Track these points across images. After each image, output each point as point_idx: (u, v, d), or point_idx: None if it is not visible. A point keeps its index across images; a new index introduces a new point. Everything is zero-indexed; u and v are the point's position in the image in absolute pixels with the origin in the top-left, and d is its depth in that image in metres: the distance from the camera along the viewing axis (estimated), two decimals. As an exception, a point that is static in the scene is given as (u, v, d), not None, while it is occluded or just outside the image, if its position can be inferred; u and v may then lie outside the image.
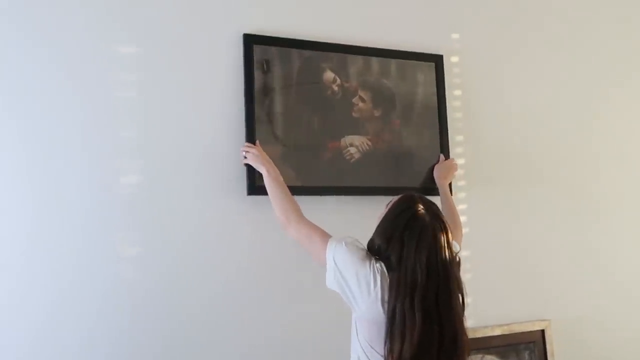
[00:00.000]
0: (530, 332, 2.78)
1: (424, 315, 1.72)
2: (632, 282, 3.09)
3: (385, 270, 1.79)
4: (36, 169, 2.06)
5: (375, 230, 1.90)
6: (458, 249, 1.93)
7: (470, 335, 2.56)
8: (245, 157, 2.24)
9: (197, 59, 2.30)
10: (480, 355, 2.65)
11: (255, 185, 2.26)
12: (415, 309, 1.71)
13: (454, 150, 2.71)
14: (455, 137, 2.72)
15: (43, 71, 2.09)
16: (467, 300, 2.61)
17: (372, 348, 1.81)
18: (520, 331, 2.76)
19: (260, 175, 2.21)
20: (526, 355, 2.77)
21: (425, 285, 1.73)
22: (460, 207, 2.69)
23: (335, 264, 1.83)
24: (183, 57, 2.28)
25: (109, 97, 2.17)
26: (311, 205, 2.16)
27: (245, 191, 2.28)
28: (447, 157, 2.64)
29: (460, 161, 2.71)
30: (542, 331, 2.80)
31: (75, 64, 2.13)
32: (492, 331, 2.69)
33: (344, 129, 2.46)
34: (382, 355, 1.77)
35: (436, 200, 2.32)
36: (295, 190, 2.22)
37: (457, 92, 2.75)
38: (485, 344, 2.67)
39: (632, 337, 3.06)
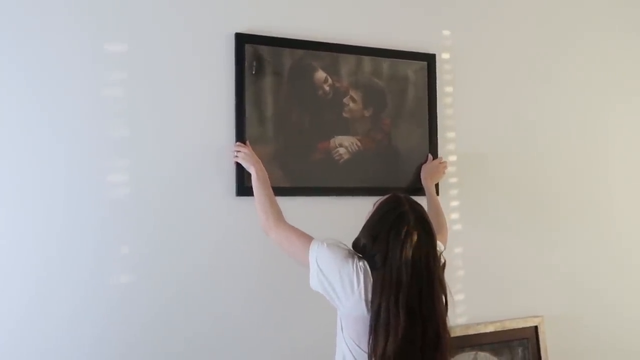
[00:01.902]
0: (524, 328, 2.79)
1: (408, 313, 1.74)
2: (625, 278, 3.09)
3: (369, 269, 1.81)
4: (23, 168, 2.05)
5: (362, 229, 1.92)
6: (442, 249, 1.95)
7: (463, 332, 2.60)
8: (236, 156, 2.25)
9: (188, 58, 2.29)
10: (473, 352, 2.66)
11: (244, 186, 2.27)
12: (399, 307, 1.74)
13: (446, 147, 2.70)
14: (447, 134, 2.72)
15: (29, 69, 2.07)
16: (460, 297, 2.64)
17: (357, 345, 1.83)
18: (513, 328, 2.76)
19: (250, 176, 2.21)
20: (519, 351, 2.77)
21: (409, 284, 1.76)
22: (452, 204, 2.70)
23: (318, 265, 1.85)
24: (174, 56, 2.27)
25: (98, 96, 2.15)
26: (300, 205, 2.17)
27: (234, 192, 2.29)
28: (435, 157, 2.63)
29: (451, 158, 2.71)
30: (535, 327, 2.81)
31: (63, 61, 2.11)
32: (485, 328, 2.69)
33: (334, 130, 2.46)
34: (366, 352, 1.78)
35: (422, 200, 2.31)
36: (284, 191, 2.23)
37: (449, 89, 2.74)
38: (479, 340, 2.67)
39: (625, 333, 3.06)
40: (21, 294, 2.04)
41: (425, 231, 1.82)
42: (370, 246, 1.83)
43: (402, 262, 1.76)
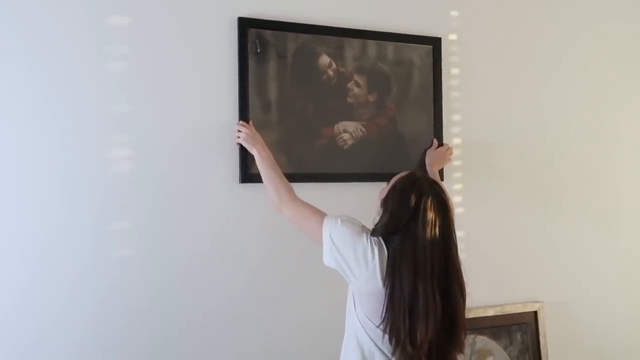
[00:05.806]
0: (523, 313, 2.80)
1: (441, 295, 1.77)
2: (624, 265, 3.09)
3: (384, 244, 1.81)
4: (23, 142, 2.04)
5: (383, 212, 1.89)
6: None
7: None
8: (238, 137, 2.24)
9: (192, 42, 2.26)
10: (472, 336, 2.68)
11: (248, 173, 2.27)
12: (434, 290, 1.76)
13: (451, 129, 2.69)
14: (452, 117, 2.70)
15: (29, 42, 2.05)
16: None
17: (371, 321, 1.85)
18: (513, 312, 2.78)
19: (253, 162, 2.21)
20: (518, 336, 2.79)
21: (429, 268, 1.77)
22: (455, 187, 2.70)
23: (332, 240, 1.85)
24: (177, 40, 2.24)
25: (100, 70, 2.13)
26: (304, 192, 2.14)
27: (238, 179, 2.29)
28: (440, 143, 2.62)
29: (456, 141, 2.70)
30: (535, 313, 2.82)
31: (65, 35, 2.09)
32: (484, 312, 2.71)
33: (338, 115, 2.45)
34: (381, 329, 1.81)
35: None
36: (288, 177, 2.20)
37: (455, 71, 2.71)
38: (478, 324, 2.69)
39: (624, 319, 3.08)
40: (21, 268, 2.05)
41: (444, 212, 1.83)
42: (392, 229, 1.82)
43: (428, 245, 1.78)
